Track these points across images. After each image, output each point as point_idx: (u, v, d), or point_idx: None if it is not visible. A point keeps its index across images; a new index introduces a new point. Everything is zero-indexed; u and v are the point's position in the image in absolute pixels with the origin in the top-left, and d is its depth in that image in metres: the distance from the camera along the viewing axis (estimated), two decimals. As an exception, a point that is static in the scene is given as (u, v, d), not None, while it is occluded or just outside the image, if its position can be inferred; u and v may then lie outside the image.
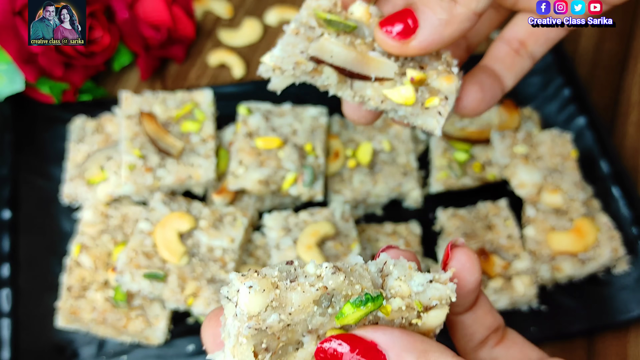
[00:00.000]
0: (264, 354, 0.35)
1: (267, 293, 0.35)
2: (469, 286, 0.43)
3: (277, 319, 0.35)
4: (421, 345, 0.37)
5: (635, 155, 0.89)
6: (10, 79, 0.79)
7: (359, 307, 0.36)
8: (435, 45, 0.47)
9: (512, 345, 0.46)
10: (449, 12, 0.45)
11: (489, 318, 0.45)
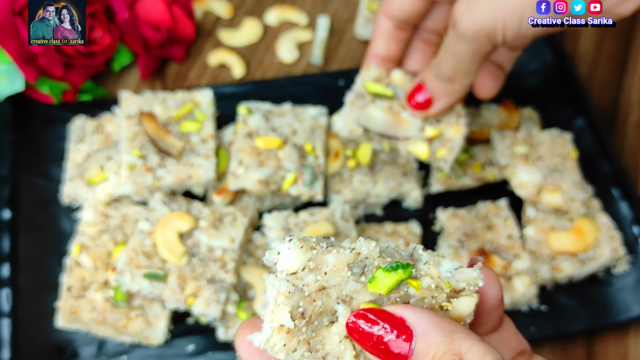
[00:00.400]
0: (300, 320, 0.37)
1: (304, 251, 0.37)
2: (490, 302, 0.43)
3: (313, 279, 0.37)
4: (448, 326, 0.38)
5: (635, 155, 0.89)
6: (10, 79, 0.79)
7: (390, 273, 0.38)
8: (448, 108, 0.70)
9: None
10: (449, 88, 0.67)
11: (514, 340, 0.46)
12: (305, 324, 0.38)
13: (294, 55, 0.95)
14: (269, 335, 0.37)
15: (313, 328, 0.38)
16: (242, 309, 0.73)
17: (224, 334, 0.73)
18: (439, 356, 0.36)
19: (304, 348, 0.38)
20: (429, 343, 0.37)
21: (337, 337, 0.38)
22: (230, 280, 0.72)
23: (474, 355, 0.36)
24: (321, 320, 0.38)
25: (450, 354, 0.36)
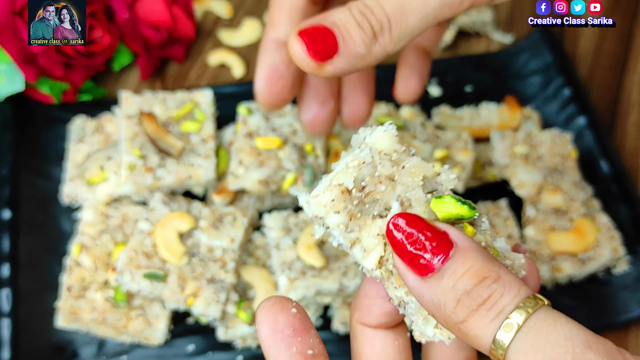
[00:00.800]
0: (357, 192, 0.38)
1: (397, 140, 0.39)
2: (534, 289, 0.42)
3: (389, 165, 0.38)
4: (489, 255, 0.37)
5: (635, 155, 0.89)
6: (10, 79, 0.79)
7: (457, 204, 0.38)
8: (345, 73, 0.49)
9: None
10: (368, 48, 0.47)
11: None
12: (360, 199, 0.38)
13: (294, 55, 0.94)
14: (320, 191, 0.38)
15: (362, 209, 0.38)
16: (242, 309, 0.73)
17: (224, 334, 0.73)
18: (477, 268, 0.35)
19: (345, 217, 0.38)
20: (468, 256, 0.36)
21: (377, 230, 0.39)
22: (230, 280, 0.72)
23: (514, 280, 0.36)
24: (372, 207, 0.39)
25: (488, 270, 0.35)
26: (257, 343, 0.74)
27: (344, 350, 0.74)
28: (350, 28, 0.46)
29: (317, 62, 0.47)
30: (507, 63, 0.94)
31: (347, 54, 0.47)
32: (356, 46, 0.46)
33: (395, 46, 0.47)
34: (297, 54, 0.47)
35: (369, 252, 0.39)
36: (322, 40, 0.46)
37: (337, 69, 0.47)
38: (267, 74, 0.56)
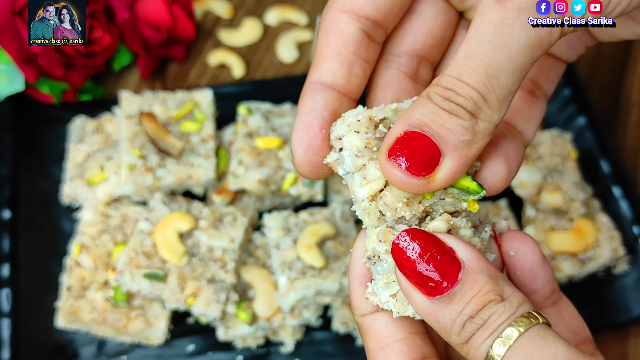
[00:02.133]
0: (385, 127, 0.41)
1: None
2: (528, 262, 0.44)
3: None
4: (494, 271, 0.38)
5: (635, 155, 0.89)
6: (10, 79, 0.79)
7: (467, 177, 0.40)
8: (462, 172, 0.39)
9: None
10: (472, 131, 0.38)
11: (574, 322, 0.45)
12: (382, 136, 0.40)
13: (294, 55, 0.94)
14: (352, 114, 0.41)
15: (379, 145, 0.40)
16: (242, 309, 0.73)
17: (224, 334, 0.73)
18: (484, 292, 0.37)
19: (361, 142, 0.40)
20: (475, 279, 0.37)
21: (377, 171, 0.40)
22: (230, 280, 0.72)
23: (515, 299, 0.37)
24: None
25: (494, 294, 0.37)
26: (257, 343, 0.74)
27: (344, 350, 0.74)
28: (442, 120, 0.38)
29: (424, 178, 0.37)
30: (507, 63, 0.94)
31: (453, 149, 0.38)
32: (459, 135, 0.38)
33: (500, 112, 0.38)
34: (397, 178, 0.38)
35: (369, 181, 0.40)
36: (418, 150, 0.37)
37: (451, 172, 0.38)
38: (307, 120, 0.43)
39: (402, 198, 0.39)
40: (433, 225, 0.40)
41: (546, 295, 0.45)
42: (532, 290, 0.45)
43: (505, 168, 0.43)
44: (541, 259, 0.44)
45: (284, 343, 0.74)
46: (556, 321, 0.45)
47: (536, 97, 0.48)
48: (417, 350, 0.41)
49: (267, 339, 0.75)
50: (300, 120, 0.42)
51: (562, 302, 0.46)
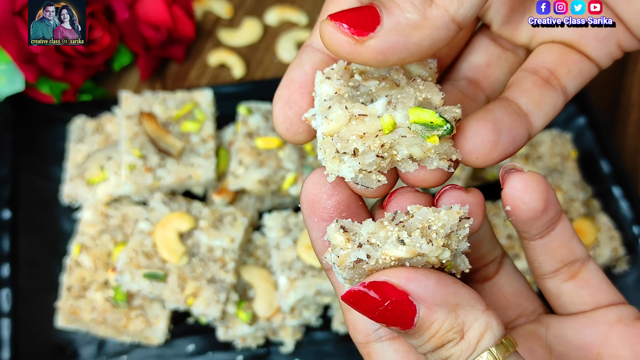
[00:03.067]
0: (360, 74, 0.40)
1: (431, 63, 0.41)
2: (525, 214, 0.40)
3: (402, 72, 0.40)
4: (454, 298, 0.36)
5: (635, 155, 0.89)
6: (10, 79, 0.78)
7: (434, 114, 0.37)
8: (398, 53, 0.35)
9: (584, 285, 0.44)
10: (421, 12, 0.35)
11: (562, 251, 0.43)
12: (357, 84, 0.39)
13: (294, 55, 0.94)
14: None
15: (352, 93, 0.39)
16: (242, 309, 0.73)
17: (224, 334, 0.73)
18: (442, 334, 0.36)
19: (331, 88, 0.39)
20: (432, 320, 0.36)
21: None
22: (230, 280, 0.72)
23: (475, 334, 0.36)
24: (361, 96, 0.39)
25: (452, 332, 0.36)
26: (257, 343, 0.74)
27: (344, 350, 0.74)
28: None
29: (354, 38, 0.35)
30: (507, 63, 0.94)
31: (394, 22, 0.35)
32: (404, 11, 0.35)
33: (460, 4, 0.35)
34: (327, 32, 0.35)
35: (330, 120, 0.38)
36: (360, 15, 0.35)
37: (383, 43, 0.34)
38: (290, 77, 0.41)
39: (357, 131, 0.37)
40: (396, 253, 0.37)
41: (537, 233, 0.43)
42: (523, 231, 0.43)
43: (491, 135, 0.40)
44: (539, 213, 0.41)
45: (284, 343, 0.74)
46: (540, 251, 0.43)
47: (551, 85, 0.44)
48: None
49: (267, 339, 0.75)
50: (284, 77, 0.41)
51: (554, 232, 0.43)
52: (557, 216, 0.42)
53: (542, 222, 0.41)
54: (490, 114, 0.41)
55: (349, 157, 0.38)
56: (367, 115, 0.38)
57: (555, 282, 0.44)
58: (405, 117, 0.38)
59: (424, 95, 0.38)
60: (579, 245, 0.43)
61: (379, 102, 0.38)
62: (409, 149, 0.38)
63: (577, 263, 0.44)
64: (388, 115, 0.38)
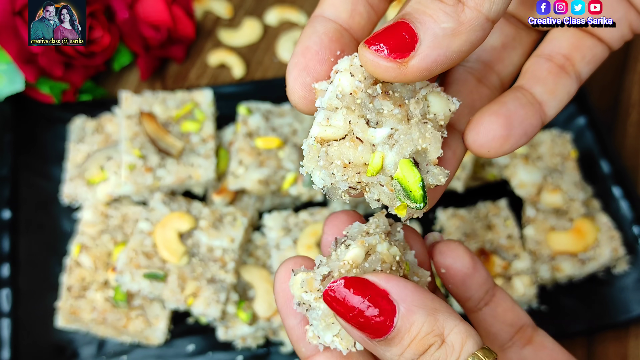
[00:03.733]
0: (369, 86, 0.38)
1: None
2: (459, 272, 0.44)
3: (411, 89, 0.39)
4: (431, 303, 0.36)
5: (635, 155, 0.89)
6: (10, 79, 0.78)
7: (418, 183, 0.37)
8: (442, 64, 0.35)
9: (541, 348, 0.46)
10: (455, 18, 0.34)
11: (509, 315, 0.45)
12: (369, 96, 0.38)
13: (294, 55, 0.94)
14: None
15: (363, 104, 0.38)
16: (242, 309, 0.73)
17: (224, 334, 0.73)
18: (422, 336, 0.35)
19: (347, 89, 0.38)
20: (412, 321, 0.36)
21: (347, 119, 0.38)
22: (230, 280, 0.72)
23: (456, 338, 0.36)
24: (368, 111, 0.38)
25: (432, 335, 0.35)
26: (257, 343, 0.74)
27: (344, 350, 0.74)
28: (424, 7, 0.35)
29: (397, 62, 0.35)
30: (507, 63, 0.94)
31: (432, 37, 0.34)
32: (438, 22, 0.34)
33: (494, 2, 0.34)
34: (368, 59, 0.35)
35: (329, 125, 0.38)
36: (395, 35, 0.35)
37: (426, 60, 0.34)
38: (305, 44, 0.40)
39: (344, 157, 0.37)
40: (350, 255, 0.39)
41: (479, 298, 0.45)
42: (465, 298, 0.46)
43: (503, 129, 0.40)
44: (471, 269, 0.44)
45: (284, 343, 0.74)
46: (491, 320, 0.45)
47: (566, 72, 0.44)
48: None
49: (267, 339, 0.75)
50: (298, 45, 0.40)
51: (496, 299, 0.46)
52: (491, 280, 0.45)
53: (478, 282, 0.44)
54: (504, 107, 0.41)
55: (325, 172, 0.38)
56: (362, 142, 0.38)
57: (515, 351, 0.45)
58: (394, 164, 0.37)
59: (424, 145, 0.38)
60: (522, 311, 0.46)
61: (381, 132, 0.38)
62: (380, 195, 0.38)
63: (528, 328, 0.46)
64: (380, 155, 0.38)
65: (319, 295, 0.39)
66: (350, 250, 0.40)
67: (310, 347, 0.42)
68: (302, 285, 0.40)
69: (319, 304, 0.39)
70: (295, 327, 0.42)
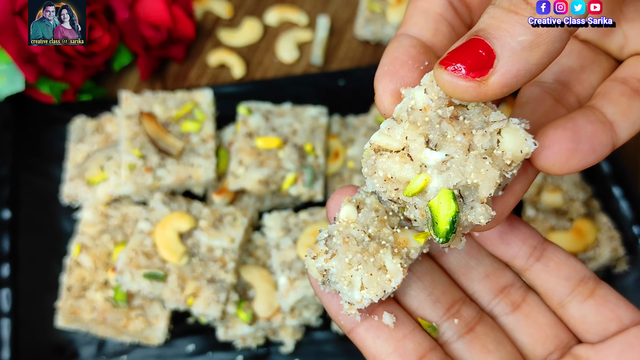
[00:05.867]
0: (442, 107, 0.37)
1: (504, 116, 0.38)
2: (494, 236, 0.44)
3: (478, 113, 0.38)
4: None
5: (635, 155, 0.89)
6: (10, 79, 0.79)
7: (449, 218, 0.37)
8: (522, 79, 0.34)
9: (602, 302, 0.44)
10: (532, 29, 0.34)
11: (564, 269, 0.44)
12: (432, 118, 0.38)
13: (294, 55, 0.94)
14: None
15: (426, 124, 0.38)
16: (242, 309, 0.73)
17: (224, 334, 0.73)
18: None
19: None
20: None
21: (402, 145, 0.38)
22: (230, 280, 0.72)
23: None
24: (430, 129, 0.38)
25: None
26: (257, 343, 0.74)
27: (344, 350, 0.74)
28: (499, 21, 0.34)
29: (476, 81, 0.34)
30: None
31: (510, 51, 0.34)
32: (515, 35, 0.34)
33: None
34: (446, 80, 0.35)
35: (387, 135, 0.38)
36: (471, 53, 0.34)
37: (506, 76, 0.34)
38: (393, 55, 0.40)
39: (387, 170, 0.38)
40: (343, 213, 0.42)
41: (527, 254, 0.44)
42: (511, 257, 0.45)
43: (569, 143, 0.38)
44: (505, 227, 0.43)
45: (284, 343, 0.74)
46: (545, 275, 0.44)
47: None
48: (410, 355, 0.42)
49: (267, 339, 0.75)
50: (385, 57, 0.40)
51: (546, 253, 0.44)
52: (537, 236, 0.44)
53: (519, 238, 0.44)
54: (571, 121, 0.39)
55: (370, 179, 0.39)
56: (412, 161, 0.38)
57: (575, 306, 0.44)
58: (435, 190, 0.37)
59: (476, 181, 0.37)
60: (580, 264, 0.44)
61: (436, 155, 0.37)
62: (412, 215, 0.39)
63: (589, 281, 0.44)
64: (424, 178, 0.37)
65: (329, 257, 0.41)
66: (341, 211, 0.42)
67: (349, 320, 0.43)
68: (310, 255, 0.41)
69: (331, 263, 0.41)
70: (331, 301, 0.43)
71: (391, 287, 0.40)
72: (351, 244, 0.41)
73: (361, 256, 0.41)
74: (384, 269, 0.41)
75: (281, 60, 0.95)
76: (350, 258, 0.41)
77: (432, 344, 0.43)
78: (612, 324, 0.43)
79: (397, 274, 0.41)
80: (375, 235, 0.42)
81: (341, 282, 0.41)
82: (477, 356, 0.44)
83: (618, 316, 0.43)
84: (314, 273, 0.42)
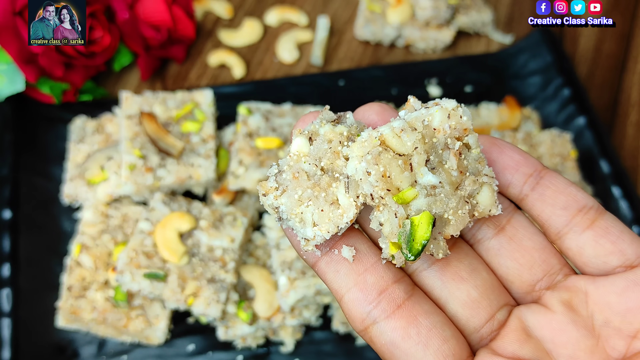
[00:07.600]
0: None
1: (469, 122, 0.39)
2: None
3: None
4: None
5: (635, 155, 0.89)
6: (10, 79, 0.79)
7: (424, 236, 0.37)
8: None
9: (603, 234, 0.40)
10: None
11: (561, 197, 0.40)
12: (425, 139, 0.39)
13: (294, 55, 0.95)
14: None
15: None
16: (242, 308, 0.73)
17: (224, 333, 0.73)
18: None
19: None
20: None
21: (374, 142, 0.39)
22: (230, 280, 0.72)
23: None
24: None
25: None
26: (257, 343, 0.74)
27: (344, 350, 0.75)
28: None
29: None
30: (507, 63, 0.94)
31: None
32: None
33: None
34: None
35: (399, 137, 0.38)
36: None
37: None
38: None
39: (388, 169, 0.38)
40: (294, 146, 0.41)
41: (521, 182, 0.41)
42: (505, 184, 0.42)
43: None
44: (497, 153, 0.41)
45: (284, 343, 0.74)
46: (540, 204, 0.41)
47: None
48: (371, 289, 0.40)
49: (267, 338, 0.75)
50: None
51: (543, 181, 0.41)
52: (533, 164, 0.41)
53: (510, 165, 0.41)
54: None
55: (364, 166, 0.38)
56: (411, 172, 0.38)
57: (573, 237, 0.40)
58: (417, 210, 0.38)
59: (450, 218, 0.38)
60: (581, 193, 0.41)
61: (431, 178, 0.38)
62: (386, 222, 0.38)
63: (590, 211, 0.40)
64: (415, 193, 0.38)
65: (279, 193, 0.40)
66: (292, 143, 0.40)
67: (311, 254, 0.41)
68: (260, 192, 0.41)
69: (280, 200, 0.40)
70: (292, 237, 0.42)
71: (344, 223, 0.39)
72: (301, 179, 0.40)
73: (312, 192, 0.40)
74: (337, 203, 0.39)
75: (281, 60, 0.95)
76: (300, 194, 0.40)
77: (397, 276, 0.40)
78: (612, 258, 0.40)
79: (349, 208, 0.39)
80: (328, 168, 0.40)
81: (293, 219, 0.40)
82: (449, 284, 0.41)
83: (620, 249, 0.39)
84: (267, 208, 0.41)
